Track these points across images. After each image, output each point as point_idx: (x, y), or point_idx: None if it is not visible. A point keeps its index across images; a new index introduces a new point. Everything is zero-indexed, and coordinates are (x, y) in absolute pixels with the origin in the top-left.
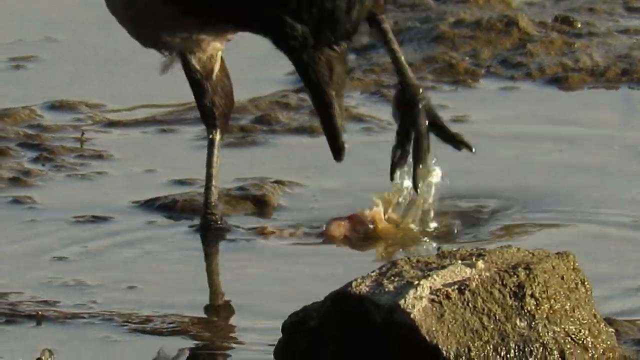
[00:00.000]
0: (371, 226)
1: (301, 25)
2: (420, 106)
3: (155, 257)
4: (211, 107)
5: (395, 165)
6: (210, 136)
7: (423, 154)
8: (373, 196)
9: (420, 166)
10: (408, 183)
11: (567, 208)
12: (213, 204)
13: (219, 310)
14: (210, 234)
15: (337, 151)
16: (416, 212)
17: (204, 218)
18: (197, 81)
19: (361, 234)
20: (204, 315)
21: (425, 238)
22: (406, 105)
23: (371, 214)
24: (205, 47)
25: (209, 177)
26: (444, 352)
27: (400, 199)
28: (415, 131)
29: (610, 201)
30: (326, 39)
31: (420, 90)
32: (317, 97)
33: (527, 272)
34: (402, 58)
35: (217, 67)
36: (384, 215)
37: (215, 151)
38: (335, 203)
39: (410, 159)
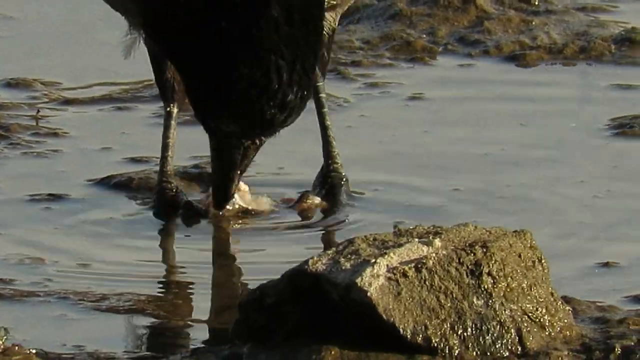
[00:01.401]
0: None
1: (234, 124)
2: (342, 191)
3: (111, 235)
4: (172, 82)
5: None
6: (168, 109)
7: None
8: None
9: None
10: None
11: (524, 185)
12: (169, 172)
13: (175, 288)
14: (166, 202)
15: (220, 202)
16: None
17: (159, 186)
18: (159, 55)
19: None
20: (161, 294)
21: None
22: (328, 190)
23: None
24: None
25: (165, 147)
26: (401, 330)
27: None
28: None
29: (569, 177)
30: (254, 136)
31: (344, 179)
32: (220, 174)
33: (484, 250)
34: (333, 137)
35: None
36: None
37: (173, 122)
38: (289, 179)
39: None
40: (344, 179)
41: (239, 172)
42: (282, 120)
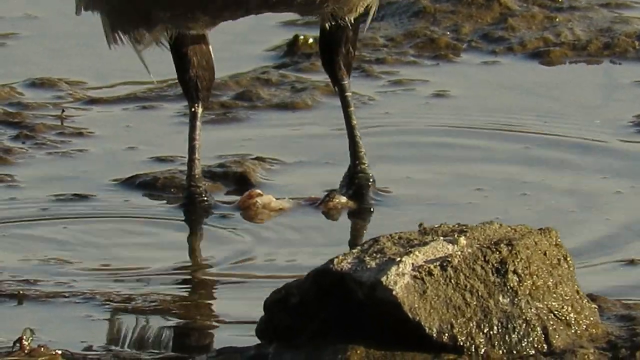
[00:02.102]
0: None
1: None
2: (369, 191)
3: (136, 235)
4: (195, 80)
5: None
6: (193, 109)
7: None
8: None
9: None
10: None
11: (548, 182)
12: (197, 176)
13: (201, 288)
14: (195, 207)
15: None
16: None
17: (187, 191)
18: (183, 54)
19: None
20: (186, 294)
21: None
22: (355, 191)
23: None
24: (197, 24)
25: (192, 149)
26: (427, 329)
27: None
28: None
29: (593, 174)
30: None
31: (371, 179)
32: None
33: (510, 248)
34: (360, 137)
35: (203, 40)
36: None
37: (198, 123)
38: (316, 179)
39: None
40: (371, 180)
41: None
42: None
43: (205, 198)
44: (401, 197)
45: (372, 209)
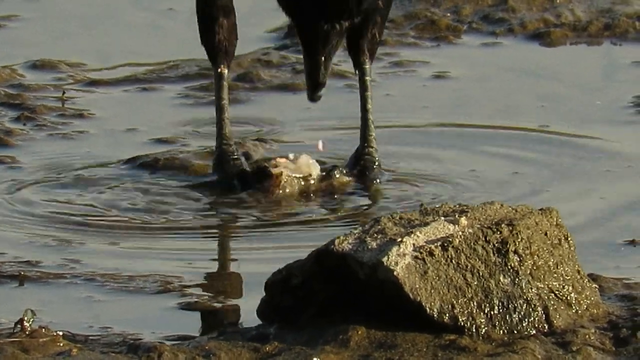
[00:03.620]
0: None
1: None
2: (373, 174)
3: (137, 216)
4: (225, 43)
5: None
6: (219, 70)
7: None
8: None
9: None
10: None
11: (550, 161)
12: (227, 134)
13: (202, 268)
14: (228, 165)
15: (313, 89)
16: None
17: (219, 149)
18: (211, 18)
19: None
20: (188, 275)
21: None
22: (360, 171)
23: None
24: None
25: (220, 109)
26: (427, 309)
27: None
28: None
29: (593, 154)
30: (332, 20)
31: (377, 163)
32: (307, 62)
33: (510, 228)
34: (372, 120)
35: (230, 6)
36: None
37: (224, 83)
38: (317, 161)
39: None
40: (377, 163)
41: (323, 58)
42: (357, 2)
43: (237, 156)
44: (403, 177)
45: (374, 189)
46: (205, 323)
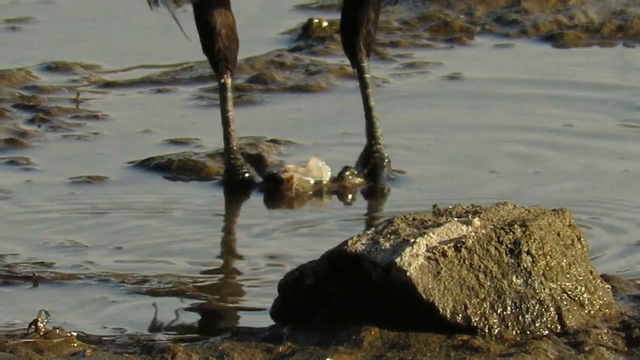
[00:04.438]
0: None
1: None
2: (384, 171)
3: (152, 217)
4: (224, 52)
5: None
6: (222, 80)
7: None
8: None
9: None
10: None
11: (563, 164)
12: (235, 148)
13: (215, 269)
14: (237, 180)
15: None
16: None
17: (228, 164)
18: (210, 26)
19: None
20: (201, 276)
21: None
22: (370, 171)
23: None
24: None
25: (226, 122)
26: (440, 310)
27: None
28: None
29: (607, 155)
30: None
31: (386, 159)
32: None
33: (523, 229)
34: (377, 117)
35: (228, 11)
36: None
37: (229, 94)
38: (330, 162)
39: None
40: (387, 160)
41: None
42: None
43: (246, 170)
44: (416, 178)
45: (386, 189)
46: (219, 324)
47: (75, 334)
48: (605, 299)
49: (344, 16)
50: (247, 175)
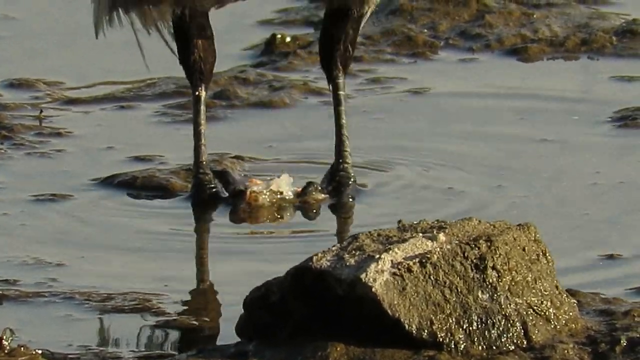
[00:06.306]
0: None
1: None
2: (348, 190)
3: (115, 234)
4: (200, 63)
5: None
6: (197, 93)
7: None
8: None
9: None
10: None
11: (527, 178)
12: (204, 163)
13: (180, 286)
14: (204, 195)
15: None
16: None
17: (196, 179)
18: (187, 37)
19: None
20: (166, 293)
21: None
22: (335, 188)
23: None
24: (209, 5)
25: (197, 135)
26: (406, 326)
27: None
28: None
29: (572, 170)
30: None
31: (352, 179)
32: None
33: (489, 244)
34: (347, 136)
35: (206, 23)
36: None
37: (202, 107)
38: (295, 178)
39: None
40: (352, 179)
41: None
42: None
43: (213, 185)
44: (380, 194)
45: (350, 205)
46: (184, 341)
47: (40, 351)
48: (571, 313)
49: (323, 31)
50: (214, 190)
